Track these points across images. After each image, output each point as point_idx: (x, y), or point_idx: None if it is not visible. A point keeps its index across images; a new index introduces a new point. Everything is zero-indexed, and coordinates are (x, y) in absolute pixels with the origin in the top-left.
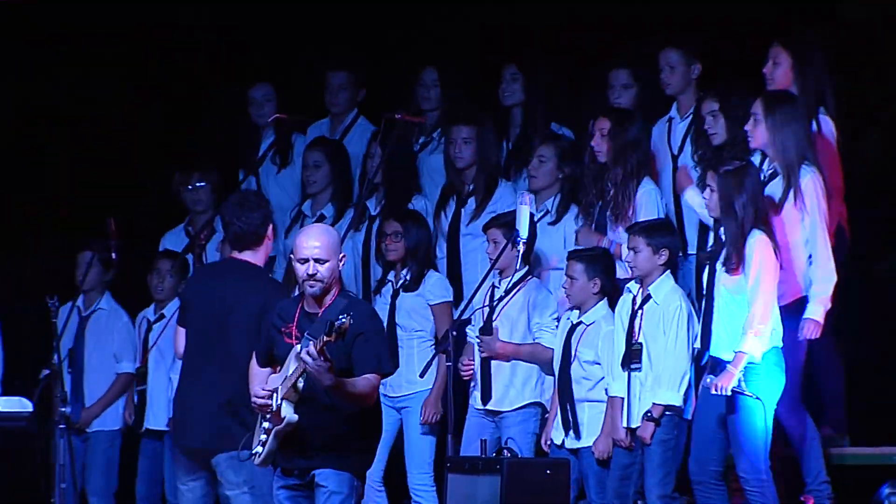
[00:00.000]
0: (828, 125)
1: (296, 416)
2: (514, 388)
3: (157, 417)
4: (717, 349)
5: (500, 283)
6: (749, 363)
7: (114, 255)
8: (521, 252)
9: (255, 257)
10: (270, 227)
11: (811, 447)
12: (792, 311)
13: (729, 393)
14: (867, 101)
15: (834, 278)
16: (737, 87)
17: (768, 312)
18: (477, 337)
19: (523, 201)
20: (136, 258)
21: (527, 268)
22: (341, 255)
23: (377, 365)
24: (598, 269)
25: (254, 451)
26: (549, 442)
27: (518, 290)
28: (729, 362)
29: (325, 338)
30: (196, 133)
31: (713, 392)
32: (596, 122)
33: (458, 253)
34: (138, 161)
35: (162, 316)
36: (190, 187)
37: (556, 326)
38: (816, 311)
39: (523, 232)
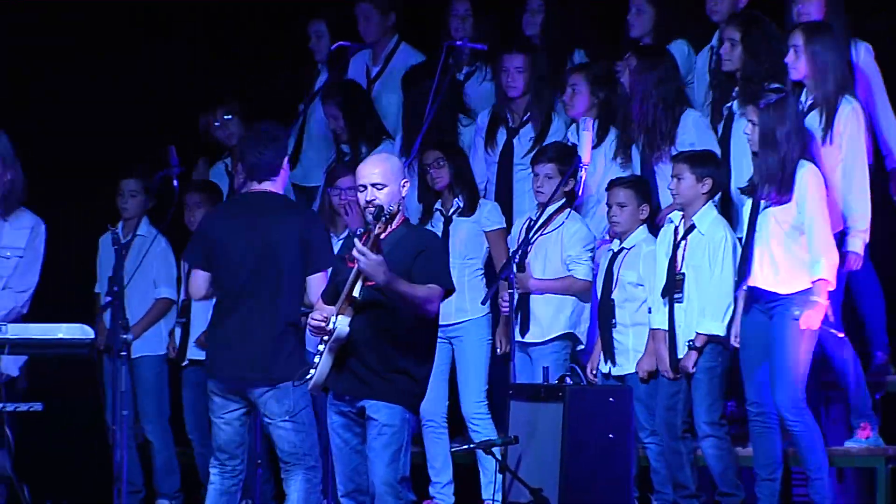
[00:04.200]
0: (869, 53)
1: (346, 330)
2: (547, 319)
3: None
4: (762, 281)
5: (536, 216)
6: (793, 294)
7: (175, 184)
8: (582, 178)
9: (274, 187)
10: (286, 158)
11: (857, 375)
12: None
13: (817, 327)
14: None
15: (869, 210)
16: (760, 19)
17: (832, 240)
18: (512, 274)
19: (585, 127)
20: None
21: (564, 199)
22: (403, 182)
23: (438, 279)
24: (643, 195)
25: (308, 375)
26: (595, 371)
27: (554, 223)
28: (781, 295)
29: (374, 226)
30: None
31: (802, 327)
32: (625, 59)
33: (510, 184)
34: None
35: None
36: (217, 122)
37: (591, 258)
38: (856, 244)
39: (585, 157)
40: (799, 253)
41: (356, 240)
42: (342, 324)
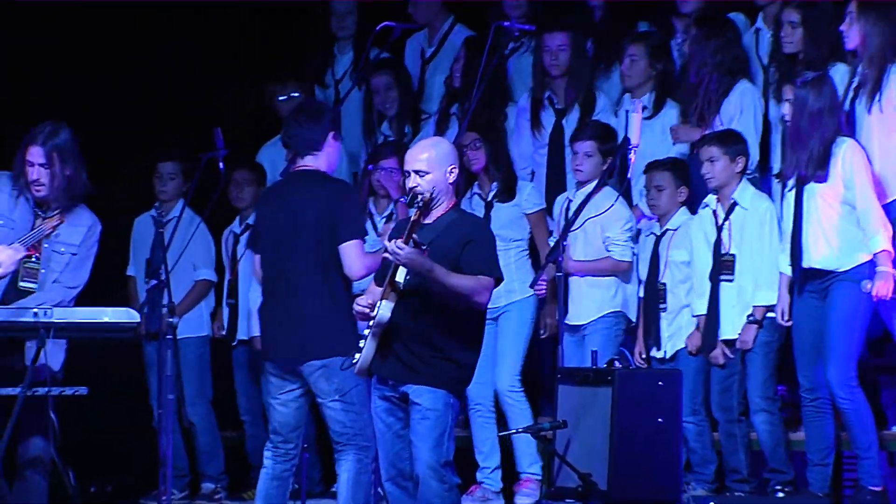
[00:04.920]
0: None
1: (387, 315)
2: (592, 299)
3: (249, 328)
4: (818, 259)
5: (574, 196)
6: (850, 270)
7: (221, 166)
8: (632, 161)
9: (316, 162)
10: (332, 133)
11: None
12: (887, 214)
13: (890, 295)
14: None
15: None
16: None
17: (883, 212)
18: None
19: (634, 109)
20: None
21: (600, 179)
22: (451, 167)
23: (488, 269)
24: (682, 177)
25: (353, 359)
26: (643, 354)
27: (593, 203)
28: (838, 271)
29: (411, 215)
30: (284, 45)
31: (874, 298)
32: (686, 29)
33: (562, 166)
34: (228, 74)
35: (248, 227)
36: (284, 98)
37: (630, 238)
38: None
39: (634, 139)
40: (851, 228)
41: (390, 240)
42: (384, 309)
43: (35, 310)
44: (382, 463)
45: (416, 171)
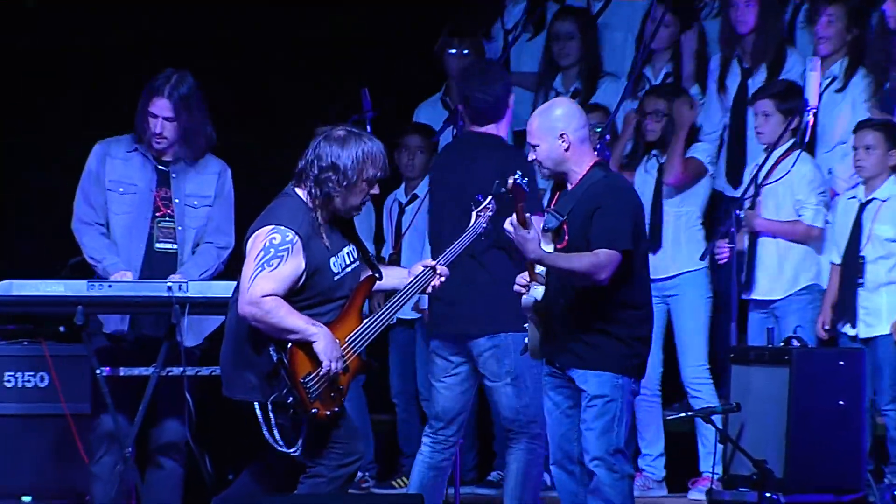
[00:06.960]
0: None
1: (531, 298)
2: (785, 273)
3: (408, 306)
4: None
5: (766, 159)
6: None
7: (368, 129)
8: (808, 122)
9: (497, 130)
10: (512, 97)
11: None
12: None
13: None
14: None
15: None
16: None
17: None
18: (737, 212)
19: (813, 67)
20: (389, 132)
21: (793, 140)
22: (559, 134)
23: (609, 239)
24: (894, 140)
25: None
26: (826, 327)
27: (782, 166)
28: None
29: (517, 203)
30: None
31: None
32: None
33: (744, 130)
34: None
35: (415, 197)
36: (454, 51)
37: (822, 202)
38: None
39: (812, 100)
40: None
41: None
42: (533, 292)
43: (170, 284)
44: (550, 444)
45: (531, 144)
